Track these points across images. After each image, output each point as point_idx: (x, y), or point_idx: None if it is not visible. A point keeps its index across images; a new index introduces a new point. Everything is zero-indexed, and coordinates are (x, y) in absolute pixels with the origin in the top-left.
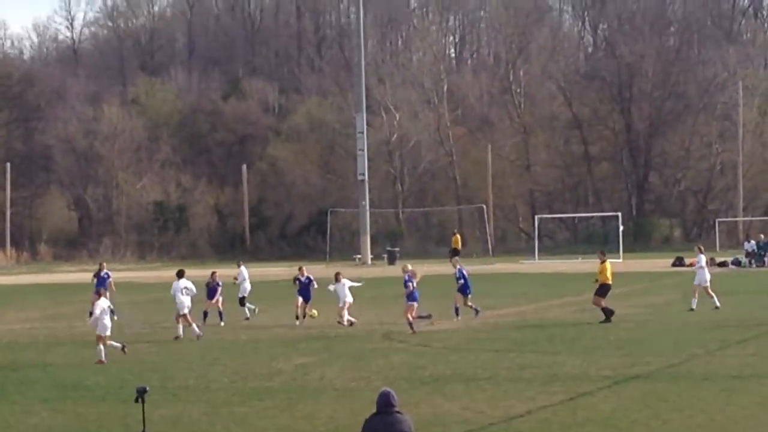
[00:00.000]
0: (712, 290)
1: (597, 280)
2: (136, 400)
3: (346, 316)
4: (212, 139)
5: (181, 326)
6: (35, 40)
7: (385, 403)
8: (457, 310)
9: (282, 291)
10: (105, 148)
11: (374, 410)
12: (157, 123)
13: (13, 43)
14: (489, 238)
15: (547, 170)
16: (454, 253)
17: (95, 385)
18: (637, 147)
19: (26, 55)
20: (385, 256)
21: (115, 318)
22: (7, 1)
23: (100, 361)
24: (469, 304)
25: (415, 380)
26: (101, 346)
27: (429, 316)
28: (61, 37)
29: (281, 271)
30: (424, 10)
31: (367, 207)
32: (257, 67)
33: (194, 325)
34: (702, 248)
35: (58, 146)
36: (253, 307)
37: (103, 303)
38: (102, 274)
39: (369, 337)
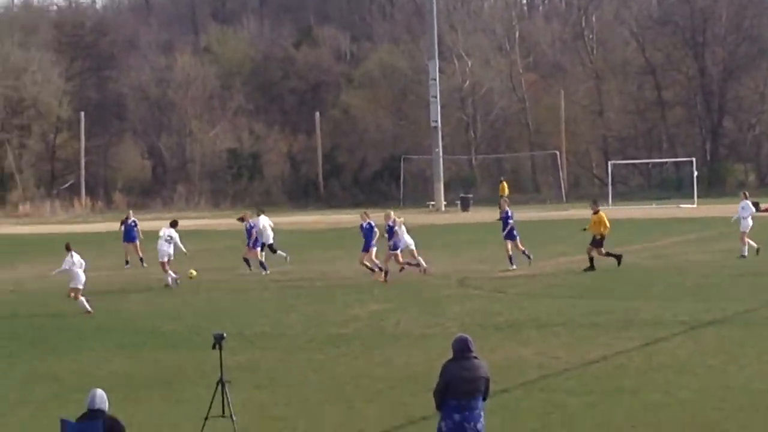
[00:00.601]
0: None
1: (585, 229)
2: (213, 347)
3: (418, 260)
4: (284, 86)
5: (168, 275)
6: None
7: (462, 349)
8: (510, 258)
9: (357, 238)
10: (178, 97)
11: (450, 356)
12: (230, 71)
13: None
14: (562, 184)
15: (620, 116)
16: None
17: (172, 332)
18: (710, 92)
19: (99, 4)
20: (459, 202)
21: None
22: None
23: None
24: (522, 248)
25: (490, 326)
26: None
27: (418, 265)
28: None
29: (355, 218)
30: None
31: (440, 154)
32: (329, 15)
33: (170, 273)
34: (747, 194)
35: (132, 95)
36: (284, 254)
37: (76, 259)
38: (129, 222)
39: (444, 283)
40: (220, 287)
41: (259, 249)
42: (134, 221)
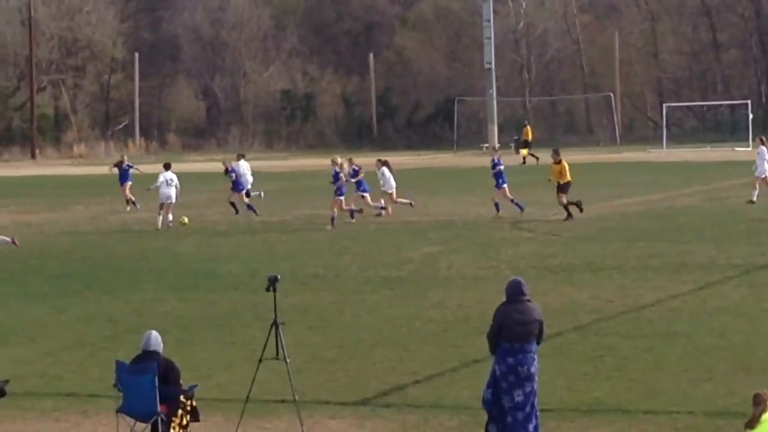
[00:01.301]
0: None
1: (550, 180)
2: (267, 289)
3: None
4: (338, 28)
5: (161, 217)
6: None
7: (515, 292)
8: (496, 205)
9: (410, 180)
10: (231, 37)
11: (503, 299)
12: (283, 12)
13: None
14: (616, 126)
15: (675, 57)
16: (524, 144)
17: (226, 273)
18: (766, 33)
19: None
20: (512, 144)
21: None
22: None
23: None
24: (509, 197)
25: (544, 269)
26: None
27: (384, 209)
28: None
29: (409, 159)
30: None
31: (494, 95)
32: None
33: (169, 216)
34: (764, 139)
35: (185, 35)
36: (258, 193)
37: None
38: (124, 166)
39: (497, 226)
40: (274, 229)
41: (243, 192)
42: (129, 165)
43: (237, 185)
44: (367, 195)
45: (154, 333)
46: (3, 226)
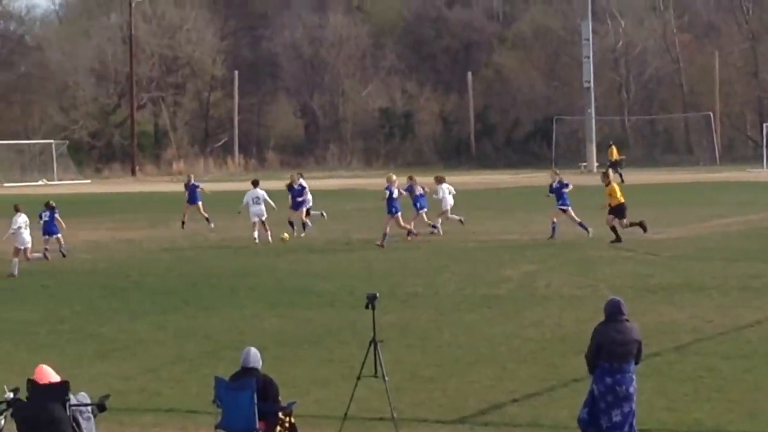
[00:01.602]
0: None
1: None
2: (366, 307)
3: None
4: (437, 46)
5: (257, 232)
6: None
7: (614, 311)
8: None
9: (508, 198)
10: (331, 55)
11: (601, 318)
12: (382, 30)
13: None
14: (716, 146)
15: None
16: (612, 165)
17: (324, 291)
18: None
19: None
20: (608, 164)
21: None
22: None
23: (12, 275)
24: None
25: (642, 288)
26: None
27: (435, 227)
28: None
29: (507, 178)
30: None
31: (593, 114)
32: None
33: (267, 233)
34: None
35: (285, 54)
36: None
37: (21, 219)
38: (191, 184)
39: (596, 244)
40: (372, 247)
41: (304, 209)
42: (195, 183)
43: (301, 203)
44: (422, 212)
45: (253, 350)
46: (104, 243)
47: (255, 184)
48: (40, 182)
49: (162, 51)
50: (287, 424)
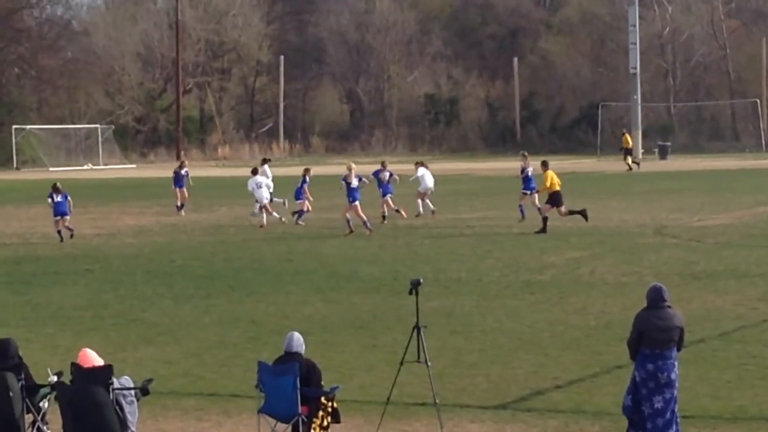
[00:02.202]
0: None
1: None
2: (410, 292)
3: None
4: (483, 32)
5: (264, 216)
6: None
7: (656, 298)
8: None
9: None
10: (377, 41)
11: (645, 305)
12: (429, 16)
13: None
14: (762, 133)
15: None
16: (626, 152)
17: (369, 276)
18: None
19: None
20: (656, 150)
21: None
22: None
23: None
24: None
25: (687, 275)
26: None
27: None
28: None
29: (553, 164)
30: None
31: (639, 101)
32: None
33: (275, 213)
34: None
35: (331, 39)
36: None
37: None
38: (182, 171)
39: (640, 232)
40: (417, 232)
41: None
42: (186, 171)
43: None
44: (387, 198)
45: (297, 334)
46: (148, 227)
47: (254, 172)
48: (85, 167)
49: (208, 36)
50: (330, 409)
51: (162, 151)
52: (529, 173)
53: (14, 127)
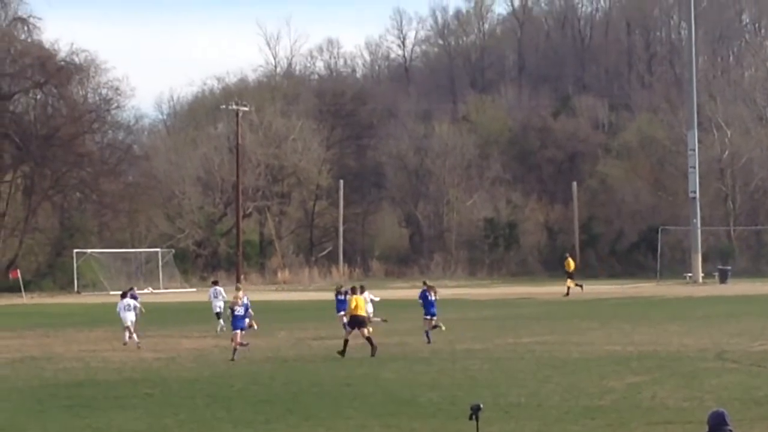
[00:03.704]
0: None
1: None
2: (470, 418)
3: None
4: (542, 156)
5: (127, 335)
6: (367, 58)
7: (718, 423)
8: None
9: (612, 309)
10: (436, 165)
11: (706, 430)
12: (487, 140)
13: (346, 61)
14: None
15: None
16: (568, 275)
17: (427, 401)
18: None
19: (359, 74)
20: (716, 274)
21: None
22: (340, 20)
23: None
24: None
25: (749, 401)
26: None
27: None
28: (392, 55)
29: (612, 288)
30: (756, 25)
31: (698, 225)
32: (587, 84)
33: (134, 336)
34: None
35: (390, 163)
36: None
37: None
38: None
39: (701, 356)
40: (476, 356)
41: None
42: (135, 295)
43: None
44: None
45: None
46: (208, 351)
47: (123, 295)
48: (146, 290)
49: (268, 160)
50: None
51: (222, 274)
52: (431, 298)
53: (75, 251)
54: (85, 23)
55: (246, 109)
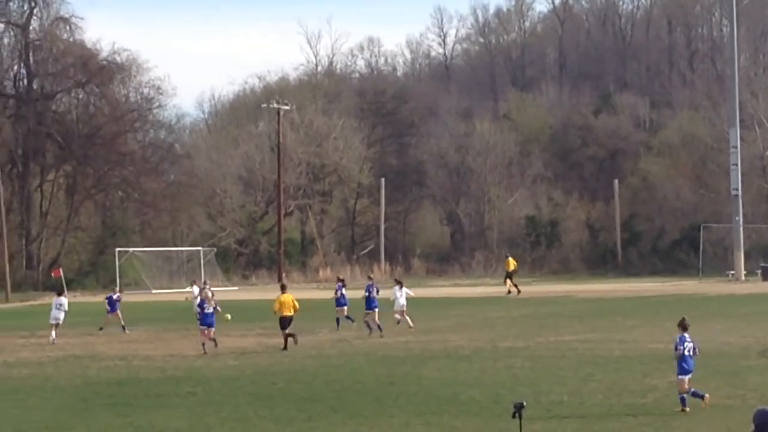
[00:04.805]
0: None
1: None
2: (513, 416)
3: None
4: (583, 153)
5: (52, 334)
6: (408, 56)
7: (763, 422)
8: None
9: (654, 306)
10: (477, 163)
11: (750, 428)
12: (528, 138)
13: (387, 60)
14: None
15: None
16: (508, 275)
17: (470, 399)
18: None
19: (399, 72)
20: (759, 272)
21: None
22: (381, 19)
23: None
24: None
25: None
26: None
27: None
28: (433, 53)
29: (653, 286)
30: None
31: (741, 222)
32: (628, 82)
33: (53, 334)
34: None
35: (431, 161)
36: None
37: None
38: (115, 297)
39: (744, 354)
40: (518, 354)
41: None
42: (119, 296)
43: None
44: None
45: None
46: (250, 349)
47: (59, 293)
48: (187, 289)
49: (309, 159)
50: None
51: (263, 273)
52: (373, 293)
53: (117, 249)
54: (126, 23)
55: (287, 107)
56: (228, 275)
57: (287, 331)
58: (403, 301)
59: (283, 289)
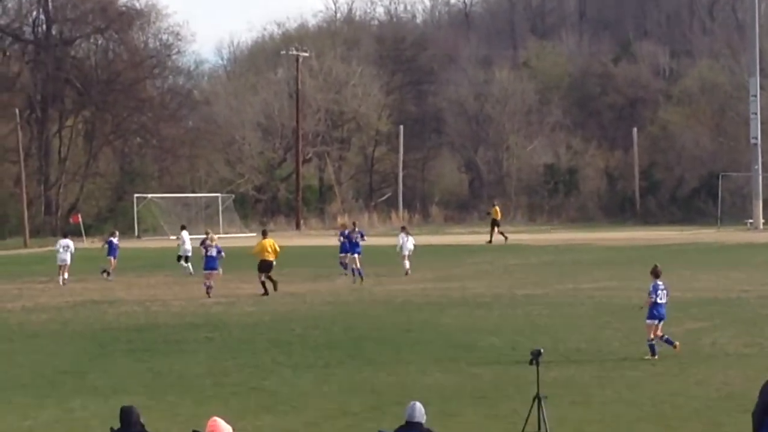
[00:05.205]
0: None
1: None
2: (531, 363)
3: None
4: (602, 102)
5: (61, 276)
6: (428, 3)
7: None
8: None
9: (672, 255)
10: (496, 111)
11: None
12: (548, 86)
13: (406, 7)
14: None
15: None
16: (494, 223)
17: (488, 346)
18: None
19: (419, 19)
20: None
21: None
22: None
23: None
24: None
25: None
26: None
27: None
28: (453, 0)
29: (672, 235)
30: None
31: (759, 171)
32: (648, 30)
33: (64, 276)
34: None
35: (450, 109)
36: (188, 266)
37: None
38: (114, 241)
39: (762, 302)
40: (536, 302)
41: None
42: (112, 240)
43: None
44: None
45: (418, 404)
46: (268, 296)
47: (65, 235)
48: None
49: (328, 106)
50: None
51: (281, 220)
52: (356, 239)
53: (136, 195)
54: None
55: (306, 54)
56: (246, 222)
57: (269, 275)
58: (410, 245)
59: (264, 234)
